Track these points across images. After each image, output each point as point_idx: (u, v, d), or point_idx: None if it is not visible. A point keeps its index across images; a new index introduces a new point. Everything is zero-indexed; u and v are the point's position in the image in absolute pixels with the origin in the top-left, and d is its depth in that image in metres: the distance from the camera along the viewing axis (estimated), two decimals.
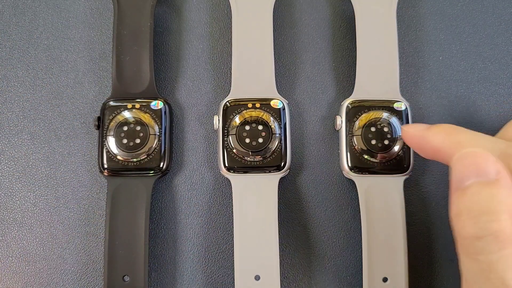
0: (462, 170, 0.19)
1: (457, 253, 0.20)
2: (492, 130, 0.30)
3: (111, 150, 0.28)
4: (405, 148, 0.28)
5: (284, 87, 0.31)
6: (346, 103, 0.29)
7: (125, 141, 0.28)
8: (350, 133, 0.28)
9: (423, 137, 0.23)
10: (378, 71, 0.29)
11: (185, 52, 0.32)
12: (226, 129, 0.28)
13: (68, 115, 0.31)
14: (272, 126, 0.28)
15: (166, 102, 0.29)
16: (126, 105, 0.28)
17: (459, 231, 0.19)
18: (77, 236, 0.30)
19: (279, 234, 0.28)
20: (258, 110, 0.28)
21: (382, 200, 0.28)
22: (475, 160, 0.19)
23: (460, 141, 0.21)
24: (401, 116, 0.28)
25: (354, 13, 0.30)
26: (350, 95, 0.29)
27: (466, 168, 0.19)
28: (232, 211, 0.28)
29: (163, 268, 0.29)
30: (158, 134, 0.28)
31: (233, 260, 0.27)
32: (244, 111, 0.28)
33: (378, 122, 0.28)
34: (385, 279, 0.27)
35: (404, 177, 0.28)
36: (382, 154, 0.28)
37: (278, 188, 0.28)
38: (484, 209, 0.18)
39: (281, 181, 0.28)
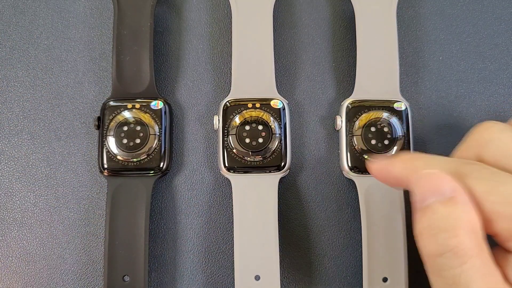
0: (420, 191, 0.20)
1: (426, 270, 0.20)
2: None
3: (111, 150, 0.28)
4: (405, 148, 0.28)
5: (284, 87, 0.31)
6: (346, 103, 0.29)
7: (125, 141, 0.28)
8: (350, 133, 0.28)
9: (386, 169, 0.23)
10: (378, 71, 0.29)
11: (185, 52, 0.32)
12: (226, 129, 0.28)
13: (68, 115, 0.31)
14: (272, 126, 0.28)
15: (166, 102, 0.29)
16: (126, 105, 0.28)
17: (422, 250, 0.20)
18: (77, 236, 0.30)
19: (279, 234, 0.28)
20: (258, 110, 0.28)
21: (382, 200, 0.28)
22: (431, 180, 0.20)
23: (415, 166, 0.22)
24: (401, 116, 0.28)
25: (354, 13, 0.30)
26: (350, 95, 0.29)
27: (423, 189, 0.20)
28: (232, 211, 0.28)
29: (163, 268, 0.29)
30: (158, 134, 0.28)
31: (233, 260, 0.27)
32: (244, 111, 0.28)
33: (378, 122, 0.28)
34: (385, 279, 0.27)
35: None
36: (382, 154, 0.28)
37: (278, 188, 0.28)
38: (442, 226, 0.19)
39: (281, 181, 0.28)
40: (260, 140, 0.28)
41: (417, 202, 0.20)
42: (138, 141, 0.28)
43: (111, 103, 0.29)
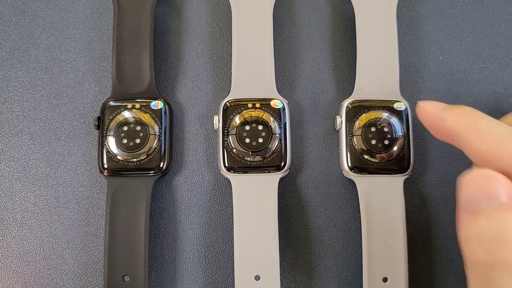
0: (473, 192, 0.19)
1: (466, 272, 0.19)
2: None
3: (111, 150, 0.28)
4: (405, 148, 0.28)
5: (284, 87, 0.31)
6: (346, 103, 0.29)
7: (125, 141, 0.28)
8: (350, 133, 0.28)
9: (440, 117, 0.21)
10: (378, 71, 0.29)
11: (185, 52, 0.32)
12: (226, 129, 0.28)
13: (68, 115, 0.31)
14: (272, 126, 0.28)
15: (166, 102, 0.29)
16: (126, 105, 0.28)
17: (469, 256, 0.19)
18: (77, 236, 0.30)
19: (279, 234, 0.28)
20: (258, 110, 0.28)
21: (382, 200, 0.28)
22: (486, 182, 0.18)
23: (479, 128, 0.20)
24: (401, 116, 0.28)
25: (354, 13, 0.30)
26: (350, 95, 0.29)
27: (476, 191, 0.19)
28: (232, 211, 0.28)
29: (163, 268, 0.29)
30: (158, 134, 0.28)
31: (233, 260, 0.27)
32: (244, 111, 0.28)
33: (378, 122, 0.28)
34: (385, 279, 0.27)
35: (404, 177, 0.28)
36: (382, 154, 0.28)
37: (278, 188, 0.28)
38: (495, 236, 0.18)
39: (281, 181, 0.28)
40: (260, 140, 0.28)
41: (466, 204, 0.19)
42: (138, 141, 0.28)
43: (111, 103, 0.29)
